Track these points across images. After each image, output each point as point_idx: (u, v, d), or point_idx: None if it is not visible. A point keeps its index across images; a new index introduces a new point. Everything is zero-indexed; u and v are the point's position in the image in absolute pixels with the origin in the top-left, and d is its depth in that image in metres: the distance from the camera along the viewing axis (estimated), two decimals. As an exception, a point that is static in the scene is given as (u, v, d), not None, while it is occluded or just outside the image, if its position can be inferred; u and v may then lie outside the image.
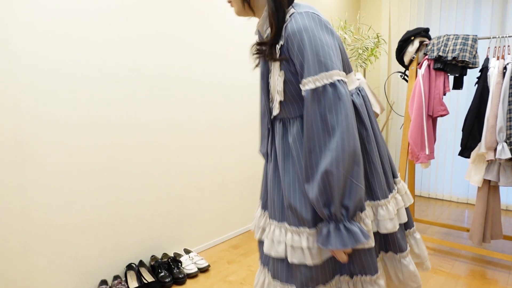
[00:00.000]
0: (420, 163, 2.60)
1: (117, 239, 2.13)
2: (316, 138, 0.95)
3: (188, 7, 2.41)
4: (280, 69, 1.04)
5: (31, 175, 1.75)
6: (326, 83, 0.94)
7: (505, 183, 2.31)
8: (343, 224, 0.95)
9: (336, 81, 0.94)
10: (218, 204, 2.76)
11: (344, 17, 4.14)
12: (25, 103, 1.71)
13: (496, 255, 2.36)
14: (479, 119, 2.35)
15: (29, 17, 1.69)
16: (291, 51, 0.98)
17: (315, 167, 0.96)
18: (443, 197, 4.03)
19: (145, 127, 2.22)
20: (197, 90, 2.52)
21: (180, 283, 2.18)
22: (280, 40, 1.01)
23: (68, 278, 1.93)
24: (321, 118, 0.95)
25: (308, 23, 0.97)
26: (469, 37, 2.43)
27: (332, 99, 0.94)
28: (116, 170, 2.09)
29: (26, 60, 1.70)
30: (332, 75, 0.94)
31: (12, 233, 1.71)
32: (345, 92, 0.95)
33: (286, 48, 1.00)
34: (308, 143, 0.97)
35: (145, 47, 2.18)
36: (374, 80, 4.41)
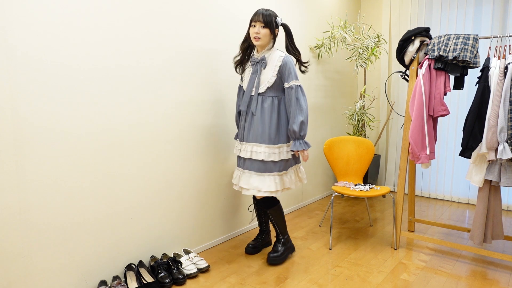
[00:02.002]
0: (421, 163, 2.59)
1: (116, 239, 2.13)
2: (303, 109, 2.27)
3: (188, 7, 2.40)
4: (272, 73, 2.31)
5: (30, 175, 1.74)
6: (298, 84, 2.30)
7: (506, 184, 2.30)
8: (303, 140, 2.29)
9: (298, 85, 2.29)
10: (218, 204, 2.76)
11: (345, 17, 4.13)
12: (24, 103, 1.70)
13: (497, 255, 2.35)
14: (480, 119, 2.34)
15: (27, 19, 1.69)
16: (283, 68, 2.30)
17: (296, 119, 2.24)
18: (444, 197, 4.02)
19: (145, 127, 2.22)
20: (196, 90, 2.51)
21: (180, 283, 2.17)
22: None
23: (67, 279, 1.92)
24: (300, 100, 2.28)
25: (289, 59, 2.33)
26: (470, 36, 2.42)
27: (300, 91, 2.29)
28: (115, 171, 2.09)
29: (25, 61, 1.69)
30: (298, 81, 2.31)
31: (11, 234, 1.70)
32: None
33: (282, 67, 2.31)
34: (296, 108, 2.25)
35: (144, 48, 2.17)
36: (374, 80, 4.40)
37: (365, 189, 2.79)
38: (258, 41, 2.25)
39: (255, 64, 2.34)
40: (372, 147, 3.11)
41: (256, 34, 2.24)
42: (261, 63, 2.32)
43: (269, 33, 2.26)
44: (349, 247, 2.75)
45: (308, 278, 2.28)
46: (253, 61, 2.35)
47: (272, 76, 2.28)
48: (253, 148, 2.30)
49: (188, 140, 2.48)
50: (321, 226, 3.18)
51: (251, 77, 2.34)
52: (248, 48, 2.38)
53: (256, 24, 2.24)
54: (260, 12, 2.24)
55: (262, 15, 2.22)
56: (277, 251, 2.46)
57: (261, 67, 2.31)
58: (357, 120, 3.85)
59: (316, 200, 3.97)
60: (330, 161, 3.15)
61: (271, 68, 2.30)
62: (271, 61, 2.31)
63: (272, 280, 2.25)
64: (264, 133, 2.28)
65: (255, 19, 2.24)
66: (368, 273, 2.34)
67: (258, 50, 2.35)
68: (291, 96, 2.26)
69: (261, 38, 2.24)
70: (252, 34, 2.26)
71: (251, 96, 2.34)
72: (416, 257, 2.57)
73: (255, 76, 2.33)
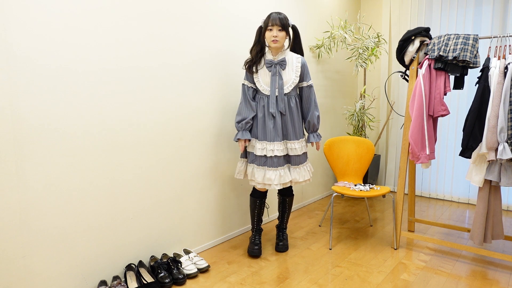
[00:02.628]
0: (421, 163, 2.59)
1: (116, 239, 2.13)
2: (314, 103, 2.52)
3: (190, 9, 2.40)
4: (295, 74, 2.45)
5: (30, 176, 1.74)
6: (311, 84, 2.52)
7: (506, 184, 2.30)
8: (318, 132, 2.57)
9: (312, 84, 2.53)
10: (218, 204, 2.76)
11: (345, 17, 4.13)
12: (24, 104, 1.70)
13: (497, 255, 2.35)
14: (480, 119, 2.34)
15: (27, 19, 1.69)
16: (303, 69, 2.48)
17: (315, 114, 2.50)
18: (444, 197, 4.02)
19: (144, 128, 2.22)
20: (197, 90, 2.51)
21: (180, 283, 2.17)
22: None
23: (67, 279, 1.92)
24: (314, 97, 2.52)
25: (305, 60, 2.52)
26: (470, 36, 2.42)
27: (313, 91, 2.53)
28: (115, 171, 2.09)
29: (25, 62, 1.69)
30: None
31: (10, 234, 1.70)
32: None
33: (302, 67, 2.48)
34: (314, 105, 2.51)
35: (144, 49, 2.17)
36: (374, 80, 4.40)
37: (365, 189, 2.79)
38: (276, 44, 2.34)
39: (273, 66, 2.39)
40: (372, 147, 3.11)
41: (274, 38, 2.32)
42: (280, 64, 2.40)
43: (285, 35, 2.37)
44: (349, 247, 2.75)
45: (308, 278, 2.28)
46: (270, 63, 2.40)
47: (295, 76, 2.42)
48: (288, 145, 2.46)
49: (188, 140, 2.48)
50: (321, 226, 3.18)
51: (272, 79, 2.39)
52: (260, 51, 2.42)
53: (273, 28, 2.32)
54: (275, 16, 2.32)
55: (279, 19, 2.31)
56: (285, 238, 2.71)
57: (281, 69, 2.40)
58: (357, 120, 3.85)
59: (316, 200, 3.97)
60: (330, 161, 3.15)
61: (292, 69, 2.42)
62: (290, 62, 2.43)
63: (272, 280, 2.25)
64: (296, 130, 2.47)
65: (272, 23, 2.31)
66: (368, 273, 2.34)
67: (273, 52, 2.41)
68: (310, 94, 2.49)
69: (279, 41, 2.34)
70: (269, 37, 2.34)
71: (276, 97, 2.40)
72: (416, 257, 2.57)
73: (276, 77, 2.39)
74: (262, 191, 2.57)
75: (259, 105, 2.45)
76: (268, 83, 2.41)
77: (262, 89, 2.43)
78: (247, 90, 2.47)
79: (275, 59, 2.41)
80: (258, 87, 2.44)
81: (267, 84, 2.42)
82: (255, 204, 2.58)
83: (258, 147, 2.42)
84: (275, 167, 2.41)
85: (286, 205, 2.68)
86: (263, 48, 2.43)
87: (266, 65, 2.41)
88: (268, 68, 2.40)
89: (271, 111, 2.39)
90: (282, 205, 2.69)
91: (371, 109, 4.31)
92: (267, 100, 2.42)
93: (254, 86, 2.48)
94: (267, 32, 2.34)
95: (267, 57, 2.42)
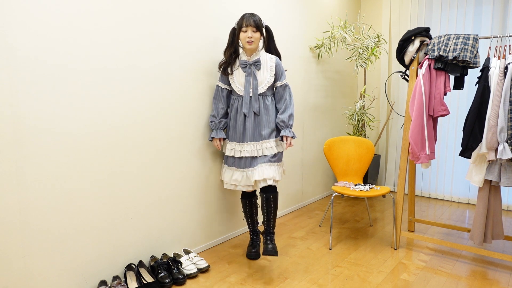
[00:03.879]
0: (421, 163, 2.59)
1: (116, 239, 2.13)
2: (291, 103, 2.46)
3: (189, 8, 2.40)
4: (270, 74, 2.43)
5: (30, 176, 1.74)
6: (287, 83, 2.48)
7: (506, 184, 2.30)
8: (291, 129, 2.42)
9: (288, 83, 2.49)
10: (218, 204, 2.76)
11: (345, 17, 4.13)
12: (24, 104, 1.70)
13: (497, 255, 2.35)
14: (480, 119, 2.34)
15: (27, 19, 1.69)
16: (277, 68, 2.45)
17: (287, 112, 2.41)
18: (444, 197, 4.02)
19: (144, 127, 2.22)
20: (197, 90, 2.51)
21: (180, 283, 2.17)
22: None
23: (67, 279, 1.92)
24: (290, 96, 2.47)
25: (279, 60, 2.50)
26: (470, 36, 2.42)
27: (289, 89, 2.48)
28: (115, 171, 2.09)
29: (25, 62, 1.69)
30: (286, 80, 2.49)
31: (11, 234, 1.70)
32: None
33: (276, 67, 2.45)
34: (287, 103, 2.44)
35: (144, 48, 2.17)
36: (374, 79, 4.40)
37: (365, 189, 2.79)
38: (251, 45, 2.33)
39: (248, 67, 2.40)
40: (372, 147, 3.11)
41: (249, 39, 2.32)
42: (255, 65, 2.40)
43: (259, 36, 2.37)
44: (349, 247, 2.75)
45: (308, 278, 2.28)
46: (245, 64, 2.40)
47: (270, 76, 2.41)
48: (263, 145, 2.40)
49: (188, 140, 2.48)
50: (321, 226, 3.18)
51: (246, 79, 2.40)
52: (234, 52, 2.43)
53: (247, 29, 2.32)
54: (249, 16, 2.32)
55: (253, 20, 2.31)
56: (272, 241, 2.36)
57: (255, 69, 2.40)
58: (357, 120, 3.85)
59: (316, 200, 3.97)
60: (330, 161, 3.15)
61: (266, 69, 2.41)
62: (265, 62, 2.42)
63: (272, 280, 2.25)
64: (271, 130, 2.42)
65: (246, 23, 2.31)
66: (368, 273, 2.34)
67: (248, 53, 2.41)
68: (285, 93, 2.45)
69: (254, 42, 2.33)
70: (244, 38, 2.33)
71: (250, 97, 2.40)
72: (416, 257, 2.57)
73: (250, 78, 2.39)
74: (248, 192, 2.57)
75: (233, 106, 2.46)
76: (242, 83, 2.42)
77: (238, 89, 2.43)
78: (221, 92, 2.50)
79: (250, 60, 2.41)
80: (234, 87, 2.45)
81: (242, 85, 2.42)
82: (245, 205, 2.60)
83: (227, 147, 2.48)
84: (242, 168, 2.42)
85: (270, 204, 2.37)
86: (237, 50, 2.43)
87: (241, 66, 2.41)
88: (243, 69, 2.41)
89: (244, 111, 2.39)
90: (266, 204, 2.37)
91: (371, 109, 4.31)
92: (241, 100, 2.43)
93: (229, 87, 2.50)
94: (242, 33, 2.34)
95: (242, 58, 2.42)
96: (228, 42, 2.43)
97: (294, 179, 3.59)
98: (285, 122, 2.40)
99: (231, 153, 2.45)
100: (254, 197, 2.60)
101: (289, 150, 3.43)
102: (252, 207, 2.60)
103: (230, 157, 2.48)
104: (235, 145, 2.45)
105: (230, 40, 2.42)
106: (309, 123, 3.70)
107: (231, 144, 2.47)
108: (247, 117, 2.40)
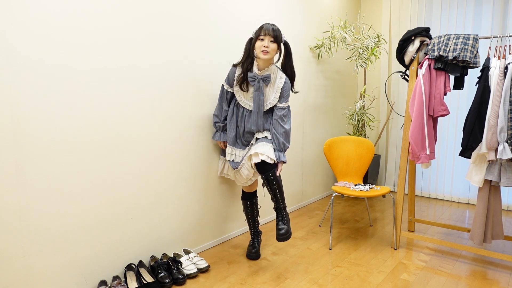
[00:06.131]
0: (421, 163, 2.59)
1: (116, 239, 2.13)
2: (288, 123, 2.39)
3: (190, 9, 2.40)
4: (275, 95, 2.36)
5: (30, 176, 1.74)
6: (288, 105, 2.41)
7: (506, 184, 2.30)
8: (284, 153, 2.37)
9: (289, 106, 2.42)
10: (218, 204, 2.75)
11: (345, 17, 4.13)
12: (24, 104, 1.70)
13: (497, 255, 2.35)
14: (480, 119, 2.34)
15: (27, 20, 1.69)
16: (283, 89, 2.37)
17: (286, 134, 2.37)
18: (444, 197, 4.02)
19: (144, 128, 2.22)
20: (197, 91, 2.51)
21: (180, 283, 2.17)
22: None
23: (67, 279, 1.92)
24: (288, 117, 2.40)
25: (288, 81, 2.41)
26: (470, 36, 2.42)
27: (288, 112, 2.41)
28: (115, 171, 2.09)
29: (25, 62, 1.69)
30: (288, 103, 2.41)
31: (10, 234, 1.70)
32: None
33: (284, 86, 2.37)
34: (284, 129, 2.36)
35: (144, 49, 2.17)
36: (374, 80, 4.40)
37: (365, 189, 2.79)
38: (266, 55, 2.22)
39: (256, 81, 2.30)
40: (372, 147, 3.11)
41: (265, 48, 2.20)
42: (265, 80, 2.31)
43: (276, 48, 2.26)
44: (349, 247, 2.75)
45: (308, 278, 2.28)
46: (254, 78, 2.29)
47: (275, 97, 2.34)
48: (259, 135, 2.41)
49: (188, 140, 2.48)
50: (321, 226, 3.18)
51: (254, 94, 2.31)
52: (250, 63, 2.32)
53: (265, 38, 2.21)
54: (269, 26, 2.22)
55: (272, 29, 2.22)
56: (284, 220, 2.26)
57: (264, 84, 2.32)
58: (357, 120, 3.85)
59: (316, 200, 3.97)
60: (330, 161, 3.15)
61: (273, 89, 2.34)
62: (274, 80, 2.34)
63: (272, 280, 2.25)
64: (264, 126, 2.42)
65: (265, 33, 2.21)
66: (368, 273, 2.34)
67: (260, 65, 2.31)
68: (285, 114, 2.37)
69: (270, 52, 2.22)
70: (260, 47, 2.22)
71: (257, 114, 2.35)
72: (416, 257, 2.57)
73: (259, 93, 2.31)
74: (249, 192, 2.58)
75: (237, 113, 2.44)
76: (248, 97, 2.37)
77: (241, 100, 2.39)
78: (225, 93, 2.45)
79: (260, 74, 2.30)
80: (237, 97, 2.40)
81: (246, 98, 2.37)
82: (246, 206, 2.59)
83: (227, 152, 2.51)
84: (241, 149, 2.48)
85: (272, 182, 2.26)
86: (252, 61, 2.32)
87: (250, 79, 2.30)
88: (251, 82, 2.30)
89: (252, 129, 2.37)
90: (268, 184, 2.28)
91: (371, 109, 4.31)
92: (243, 111, 2.41)
93: (233, 91, 2.44)
94: (258, 41, 2.22)
95: (254, 71, 2.32)
96: (244, 54, 2.31)
97: (294, 179, 3.59)
98: (285, 145, 2.35)
99: (231, 157, 2.51)
100: (255, 198, 2.59)
101: (289, 150, 3.43)
102: (253, 207, 2.60)
103: (231, 161, 2.53)
104: (233, 150, 2.50)
105: (246, 51, 2.30)
106: (309, 123, 3.70)
107: (229, 148, 2.51)
108: (251, 133, 2.43)
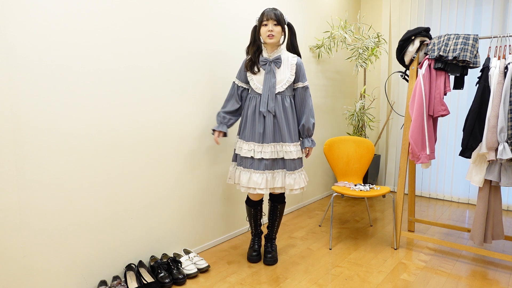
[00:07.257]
0: (421, 163, 2.59)
1: (116, 239, 2.13)
2: (310, 100, 2.41)
3: (189, 8, 2.40)
4: (290, 72, 2.33)
5: (30, 176, 1.74)
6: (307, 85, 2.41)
7: (506, 184, 2.30)
8: (312, 138, 2.42)
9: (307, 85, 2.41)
10: (218, 204, 2.76)
11: (345, 17, 4.13)
12: (24, 104, 1.70)
13: (497, 255, 2.35)
14: (480, 119, 2.34)
15: (27, 19, 1.68)
16: (298, 68, 2.36)
17: (310, 120, 2.37)
18: (444, 197, 4.02)
19: (145, 128, 2.22)
20: (197, 91, 2.51)
21: (180, 283, 2.17)
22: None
23: (67, 279, 1.92)
24: (310, 100, 2.40)
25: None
26: (470, 36, 2.42)
27: (309, 93, 2.41)
28: (115, 171, 2.09)
29: (25, 62, 1.69)
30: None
31: (11, 234, 1.70)
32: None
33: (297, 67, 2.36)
34: (309, 109, 2.38)
35: (144, 49, 2.17)
36: (374, 79, 4.40)
37: (365, 189, 2.79)
38: (272, 39, 2.25)
39: (268, 64, 2.31)
40: (372, 147, 3.11)
41: (270, 32, 2.23)
42: (275, 62, 2.31)
43: (281, 31, 2.28)
44: (349, 247, 2.75)
45: (308, 278, 2.28)
46: (265, 61, 2.31)
47: (291, 74, 2.31)
48: (284, 148, 2.30)
49: (188, 140, 2.48)
50: (321, 226, 3.18)
51: (265, 77, 2.30)
52: (257, 49, 2.34)
53: (268, 23, 2.24)
54: (270, 11, 2.25)
55: (274, 13, 2.24)
56: (274, 250, 2.51)
57: (275, 66, 2.31)
58: (357, 120, 3.85)
59: (316, 200, 3.97)
60: (330, 161, 3.15)
61: (287, 67, 2.32)
62: (286, 60, 2.33)
63: (272, 280, 2.25)
64: (291, 132, 2.33)
65: (267, 17, 2.23)
66: (368, 273, 2.34)
67: (268, 49, 2.33)
68: (305, 96, 2.37)
69: (275, 36, 2.25)
70: (265, 32, 2.25)
71: (267, 96, 2.29)
72: (416, 257, 2.57)
73: (269, 75, 2.30)
74: (255, 200, 2.46)
75: (251, 104, 2.34)
76: (261, 81, 2.32)
77: (256, 87, 2.33)
78: (236, 89, 2.42)
79: (270, 57, 2.32)
80: (252, 85, 2.34)
81: (260, 83, 2.32)
82: (250, 212, 2.51)
83: (245, 148, 2.31)
84: (262, 170, 2.28)
85: (277, 213, 2.50)
86: (260, 47, 2.34)
87: (261, 63, 2.32)
88: (262, 66, 2.32)
89: (261, 110, 2.28)
90: (272, 212, 2.51)
91: (371, 109, 4.31)
92: (259, 99, 2.31)
93: (246, 86, 2.42)
94: (262, 27, 2.26)
95: (263, 55, 2.34)
96: (250, 40, 2.35)
97: (294, 179, 3.58)
98: (310, 130, 2.36)
99: (249, 154, 2.29)
100: (260, 205, 2.52)
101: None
102: (257, 213, 2.53)
103: (248, 158, 2.30)
104: (254, 146, 2.30)
105: (252, 37, 2.34)
106: (309, 123, 3.70)
107: (248, 145, 2.31)
108: (266, 117, 2.30)
